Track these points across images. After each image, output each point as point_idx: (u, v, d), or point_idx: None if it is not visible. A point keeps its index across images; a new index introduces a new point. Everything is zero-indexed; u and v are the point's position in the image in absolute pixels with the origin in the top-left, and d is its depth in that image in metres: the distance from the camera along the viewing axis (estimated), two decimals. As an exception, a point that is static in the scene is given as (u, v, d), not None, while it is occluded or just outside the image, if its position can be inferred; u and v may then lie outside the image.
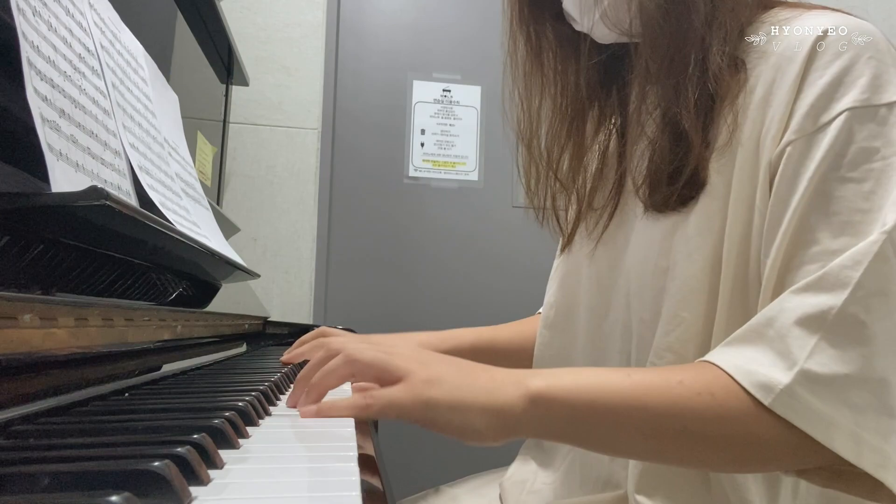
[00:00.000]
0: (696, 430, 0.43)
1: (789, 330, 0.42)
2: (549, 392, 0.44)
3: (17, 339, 0.36)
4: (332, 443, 0.41)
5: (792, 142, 0.47)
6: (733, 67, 0.52)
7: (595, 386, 0.45)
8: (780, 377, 0.41)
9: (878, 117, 0.45)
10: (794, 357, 0.41)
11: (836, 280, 0.42)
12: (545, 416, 0.44)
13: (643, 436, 0.45)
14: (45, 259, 0.49)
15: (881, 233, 0.42)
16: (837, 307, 0.41)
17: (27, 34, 0.44)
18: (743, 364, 0.43)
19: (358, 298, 1.85)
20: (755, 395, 0.42)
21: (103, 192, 0.41)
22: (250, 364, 0.85)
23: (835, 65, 0.46)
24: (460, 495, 0.79)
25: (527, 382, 0.45)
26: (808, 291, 0.43)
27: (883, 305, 0.41)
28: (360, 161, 1.90)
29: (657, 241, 0.55)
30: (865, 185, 0.44)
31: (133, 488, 0.24)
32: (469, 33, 1.97)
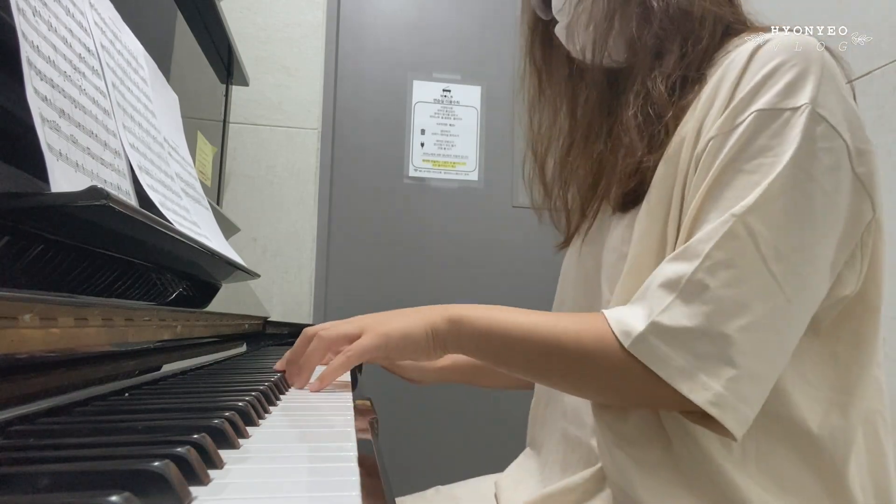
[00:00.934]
0: (569, 363, 0.54)
1: (654, 291, 0.51)
2: (462, 317, 0.59)
3: (17, 339, 0.36)
4: (332, 443, 0.41)
5: (712, 138, 0.53)
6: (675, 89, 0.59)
7: (499, 318, 0.57)
8: (637, 325, 0.50)
9: (781, 119, 0.50)
10: (651, 311, 0.50)
11: (693, 252, 0.50)
12: (459, 335, 0.59)
13: (528, 361, 0.57)
14: (45, 259, 0.49)
15: (730, 214, 0.49)
16: (688, 274, 0.49)
17: (27, 34, 0.44)
18: (618, 315, 0.53)
19: (358, 298, 1.85)
20: (619, 337, 0.51)
21: (103, 192, 0.41)
22: (250, 364, 0.85)
23: (762, 71, 0.52)
24: (459, 495, 0.79)
25: (448, 310, 0.60)
26: (674, 260, 0.51)
27: (728, 274, 0.48)
28: (360, 161, 1.90)
29: (621, 234, 0.62)
30: (753, 177, 0.50)
31: (133, 488, 0.24)
32: (469, 33, 1.97)
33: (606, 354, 0.52)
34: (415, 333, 0.60)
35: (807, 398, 0.53)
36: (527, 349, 0.56)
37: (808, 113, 0.49)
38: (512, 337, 0.56)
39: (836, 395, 0.54)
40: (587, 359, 0.53)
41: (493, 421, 1.87)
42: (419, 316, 0.61)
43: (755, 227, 0.49)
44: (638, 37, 0.61)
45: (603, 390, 0.56)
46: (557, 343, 0.54)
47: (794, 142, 0.49)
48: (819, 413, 0.54)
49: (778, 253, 0.48)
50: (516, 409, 0.62)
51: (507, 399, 1.82)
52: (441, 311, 0.60)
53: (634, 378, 0.51)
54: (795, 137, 0.49)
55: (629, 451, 0.55)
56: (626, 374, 0.51)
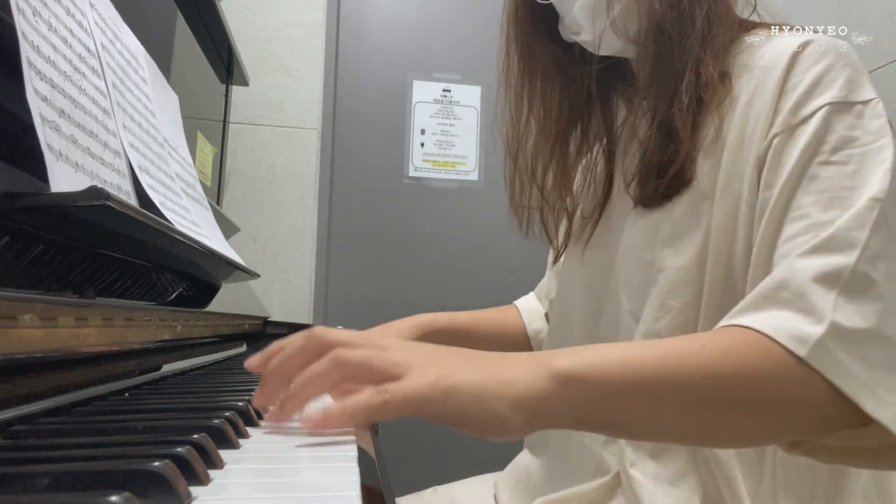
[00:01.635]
0: (726, 392, 0.41)
1: (808, 287, 0.42)
2: (575, 369, 0.40)
3: (17, 339, 0.36)
4: (332, 442, 0.41)
5: (777, 134, 0.51)
6: (722, 76, 0.56)
7: (622, 359, 0.41)
8: (812, 329, 0.40)
9: (854, 111, 0.49)
10: (822, 311, 0.41)
11: (845, 241, 0.43)
12: (574, 397, 0.40)
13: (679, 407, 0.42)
14: (45, 259, 0.49)
15: (870, 199, 0.44)
16: (851, 265, 0.42)
17: (27, 34, 0.44)
18: (768, 321, 0.42)
19: (358, 298, 1.85)
20: (790, 347, 0.40)
21: (103, 192, 0.41)
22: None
23: (813, 70, 0.51)
24: (458, 495, 0.79)
25: (549, 363, 0.40)
26: (817, 253, 0.44)
27: (886, 268, 0.43)
28: (360, 161, 1.90)
29: (643, 236, 0.59)
30: (848, 167, 0.47)
31: (133, 488, 0.24)
32: (469, 33, 1.97)
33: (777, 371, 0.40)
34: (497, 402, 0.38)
35: None
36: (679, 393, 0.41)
37: (881, 106, 0.49)
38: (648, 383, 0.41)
39: None
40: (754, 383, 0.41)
41: (492, 421, 1.87)
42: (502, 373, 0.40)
43: (890, 220, 0.45)
44: (690, 15, 0.57)
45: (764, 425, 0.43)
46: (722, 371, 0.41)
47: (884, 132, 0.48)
48: None
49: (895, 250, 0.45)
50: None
51: (506, 399, 1.81)
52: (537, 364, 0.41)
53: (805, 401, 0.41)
54: (880, 128, 0.48)
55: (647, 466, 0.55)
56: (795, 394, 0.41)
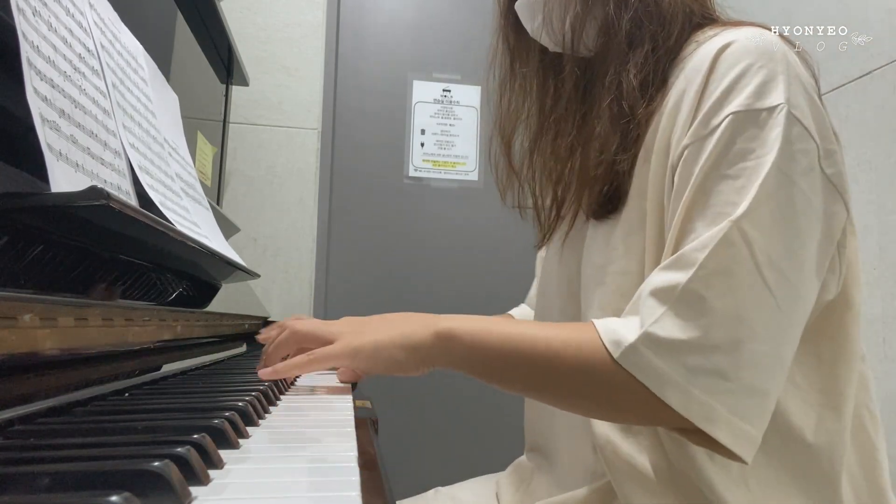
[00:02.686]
0: (563, 376, 0.51)
1: (645, 300, 0.49)
2: (450, 330, 0.55)
3: (17, 339, 0.36)
4: (332, 443, 0.41)
5: (688, 146, 0.51)
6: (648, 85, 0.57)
7: (490, 329, 0.54)
8: (628, 336, 0.48)
9: (758, 121, 0.49)
10: (643, 321, 0.48)
11: (686, 260, 0.48)
12: (447, 349, 0.55)
13: (522, 376, 0.54)
14: (45, 259, 0.49)
15: (728, 220, 0.47)
16: (682, 283, 0.47)
17: (27, 34, 0.44)
18: (610, 324, 0.50)
19: (358, 298, 1.85)
20: (609, 348, 0.48)
21: (103, 192, 0.41)
22: (250, 364, 0.85)
23: (729, 74, 0.51)
24: (458, 496, 0.79)
25: (436, 322, 0.56)
26: (666, 269, 0.49)
27: (723, 283, 0.46)
28: (360, 161, 1.90)
29: (598, 243, 0.60)
30: (738, 182, 0.48)
31: (133, 488, 0.24)
32: (469, 33, 1.97)
33: (596, 367, 0.49)
34: (391, 348, 0.56)
35: (800, 403, 0.53)
36: (520, 363, 0.53)
37: (784, 113, 0.49)
38: (504, 350, 0.53)
39: (826, 396, 0.54)
40: (578, 372, 0.50)
41: (492, 421, 1.87)
42: (399, 328, 0.57)
43: (749, 234, 0.47)
44: (615, 19, 0.58)
45: (595, 405, 0.53)
46: (550, 355, 0.51)
47: (776, 144, 0.48)
48: (813, 419, 0.53)
49: (770, 260, 0.47)
50: (516, 410, 0.62)
51: (506, 399, 1.82)
52: (426, 323, 0.56)
53: (626, 392, 0.48)
54: (776, 139, 0.48)
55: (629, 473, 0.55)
56: (617, 387, 0.48)
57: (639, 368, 0.47)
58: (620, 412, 0.52)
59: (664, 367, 0.46)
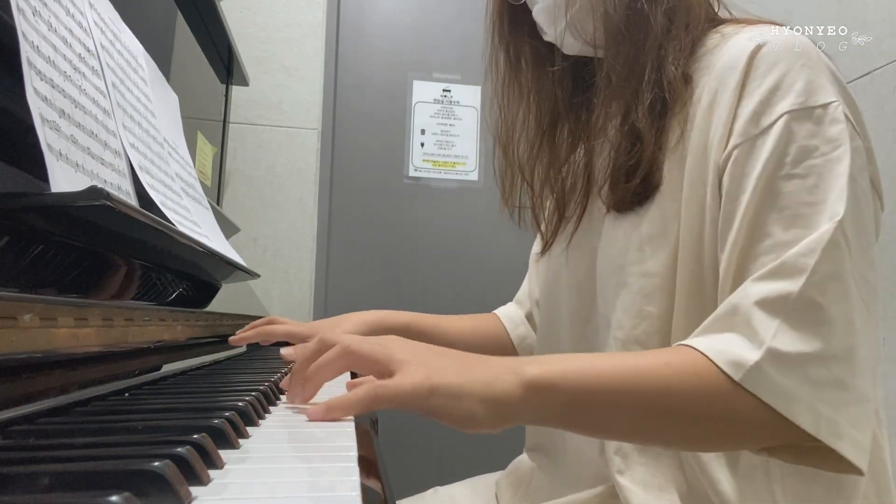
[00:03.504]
0: (682, 407, 0.46)
1: (753, 314, 0.45)
2: (544, 379, 0.45)
3: (17, 339, 0.36)
4: (332, 443, 0.41)
5: (738, 145, 0.50)
6: (684, 78, 0.56)
7: (589, 371, 0.47)
8: (749, 355, 0.44)
9: (814, 117, 0.48)
10: (761, 337, 0.45)
11: (794, 267, 0.45)
12: (542, 403, 0.46)
13: (635, 417, 0.47)
14: (45, 259, 0.49)
15: (831, 222, 0.45)
16: (796, 292, 0.45)
17: (27, 34, 0.44)
18: (715, 345, 0.46)
19: (358, 298, 1.85)
20: (728, 371, 0.45)
21: (103, 192, 0.41)
22: (250, 364, 0.85)
23: (771, 73, 0.50)
24: (458, 496, 0.79)
25: (522, 370, 0.46)
26: (768, 279, 0.46)
27: (837, 288, 0.45)
28: (360, 161, 1.90)
29: (618, 240, 0.59)
30: (809, 180, 0.47)
31: (133, 488, 0.24)
32: (469, 33, 1.97)
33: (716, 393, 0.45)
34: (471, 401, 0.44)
35: None
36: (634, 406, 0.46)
37: (840, 109, 0.48)
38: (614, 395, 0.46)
39: None
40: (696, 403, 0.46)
41: (493, 421, 1.87)
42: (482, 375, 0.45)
43: (849, 235, 0.45)
44: (649, 13, 0.57)
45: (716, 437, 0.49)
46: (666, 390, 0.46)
47: (840, 140, 0.47)
48: None
49: (857, 262, 0.46)
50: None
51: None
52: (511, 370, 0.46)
53: (749, 416, 0.45)
54: (840, 135, 0.48)
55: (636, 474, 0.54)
56: (740, 413, 0.45)
57: (765, 389, 0.44)
58: (738, 440, 0.48)
59: (789, 384, 0.44)
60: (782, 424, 0.44)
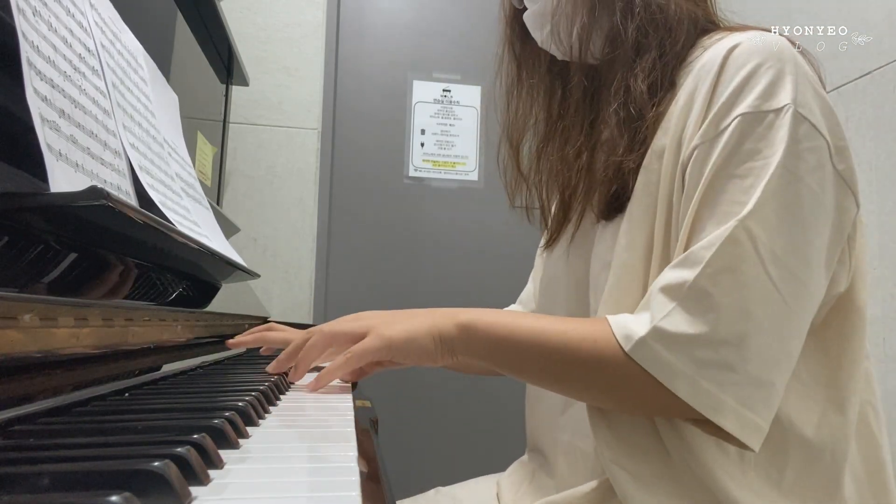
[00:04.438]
0: (576, 366, 0.54)
1: (656, 296, 0.51)
2: (471, 322, 0.58)
3: (17, 339, 0.36)
4: (332, 443, 0.41)
5: (698, 146, 0.53)
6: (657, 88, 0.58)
7: (509, 324, 0.57)
8: (639, 330, 0.50)
9: (765, 122, 0.51)
10: (653, 317, 0.50)
11: (694, 258, 0.50)
12: (470, 341, 0.58)
13: (540, 368, 0.56)
14: (45, 259, 0.49)
15: (734, 219, 0.49)
16: (690, 280, 0.49)
17: (27, 34, 0.44)
18: (622, 320, 0.52)
19: (358, 298, 1.85)
20: (620, 342, 0.51)
21: (103, 192, 0.41)
22: (250, 364, 0.85)
23: (739, 74, 0.52)
24: (459, 496, 0.79)
25: (457, 316, 0.59)
26: (675, 267, 0.51)
27: (729, 280, 0.48)
28: (360, 161, 1.90)
29: (607, 241, 0.61)
30: (746, 181, 0.50)
31: (133, 488, 0.24)
32: (469, 33, 1.97)
33: (609, 360, 0.51)
34: (421, 338, 0.58)
35: (802, 398, 0.54)
36: (538, 356, 0.55)
37: (791, 113, 0.50)
38: (523, 343, 0.56)
39: (830, 392, 0.54)
40: (592, 364, 0.52)
41: (493, 421, 1.87)
42: (426, 320, 0.59)
43: (754, 232, 0.49)
44: (622, 29, 0.60)
45: (609, 396, 0.55)
46: (566, 349, 0.54)
47: (782, 144, 0.50)
48: (816, 414, 0.54)
49: (775, 257, 0.49)
50: (517, 409, 0.62)
51: (507, 399, 1.82)
52: (450, 315, 0.59)
53: (637, 384, 0.50)
54: (782, 139, 0.50)
55: (626, 465, 0.55)
56: (629, 379, 0.51)
57: (649, 361, 0.49)
58: (632, 403, 0.54)
59: (673, 359, 0.49)
60: (669, 396, 0.49)
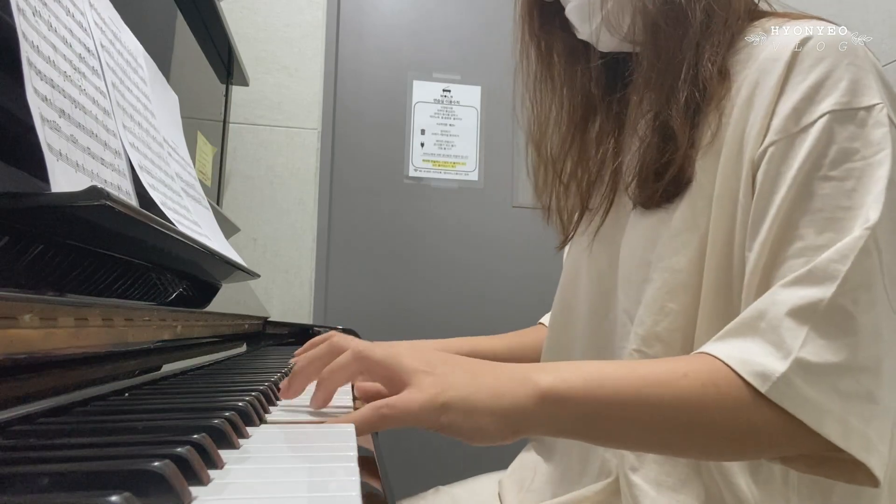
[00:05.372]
0: (701, 420, 0.45)
1: (781, 321, 0.44)
2: (557, 390, 0.44)
3: (17, 339, 0.36)
4: (332, 443, 0.41)
5: (775, 142, 0.49)
6: (721, 75, 0.54)
7: (603, 381, 0.45)
8: (776, 366, 0.43)
9: (857, 119, 0.47)
10: (788, 347, 0.43)
11: (825, 273, 0.44)
12: (554, 415, 0.44)
13: (651, 429, 0.46)
14: (45, 259, 0.49)
15: (864, 228, 0.44)
16: (827, 299, 0.43)
17: (27, 34, 0.44)
18: (739, 354, 0.45)
19: (358, 298, 1.85)
20: (753, 383, 0.43)
21: (103, 192, 0.41)
22: (250, 364, 0.85)
23: (816, 69, 0.48)
24: (460, 495, 0.79)
25: (534, 380, 0.44)
26: (797, 285, 0.45)
27: (867, 297, 0.43)
28: (360, 161, 1.90)
29: (643, 235, 0.58)
30: (847, 184, 0.46)
31: (133, 488, 0.24)
32: (469, 33, 1.97)
33: (738, 405, 0.43)
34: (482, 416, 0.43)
35: None
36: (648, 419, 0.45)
37: (886, 112, 0.47)
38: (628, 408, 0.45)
39: None
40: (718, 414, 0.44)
41: (493, 421, 1.87)
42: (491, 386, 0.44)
43: (880, 242, 0.44)
44: (687, 8, 0.55)
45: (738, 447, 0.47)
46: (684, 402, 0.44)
47: (884, 144, 0.46)
48: None
49: (889, 270, 0.44)
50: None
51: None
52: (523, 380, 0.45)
53: (775, 428, 0.43)
54: (883, 138, 0.46)
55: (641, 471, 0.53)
56: (766, 424, 0.43)
57: (792, 401, 0.42)
58: (758, 450, 0.47)
59: (818, 396, 0.42)
60: (807, 436, 0.43)
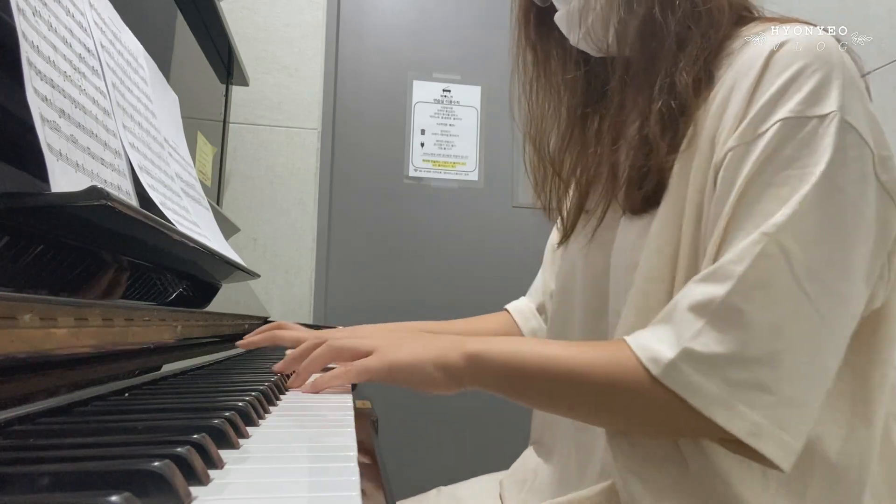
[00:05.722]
0: (606, 397, 0.51)
1: (683, 314, 0.48)
2: (480, 353, 0.56)
3: (17, 339, 0.36)
4: (332, 443, 0.41)
5: (733, 148, 0.50)
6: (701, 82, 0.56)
7: (518, 352, 0.55)
8: (666, 352, 0.47)
9: (808, 128, 0.48)
10: (682, 337, 0.47)
11: (724, 273, 0.47)
12: (479, 373, 0.56)
13: (552, 395, 0.55)
14: (45, 259, 0.49)
15: (762, 233, 0.46)
16: (721, 297, 0.46)
17: (27, 34, 0.44)
18: (644, 341, 0.50)
19: (358, 298, 1.85)
20: (647, 366, 0.48)
21: (103, 192, 0.41)
22: (250, 364, 0.85)
23: (782, 76, 0.49)
24: (460, 496, 0.79)
25: (465, 345, 0.57)
26: (704, 281, 0.48)
27: (763, 297, 0.46)
28: (360, 161, 1.90)
29: (631, 241, 0.59)
30: (782, 190, 0.47)
31: (133, 488, 0.24)
32: (469, 33, 1.97)
33: (633, 385, 0.49)
34: (425, 367, 0.57)
35: (830, 413, 0.52)
36: (550, 383, 0.53)
37: (837, 121, 0.47)
38: (533, 371, 0.54)
39: (858, 406, 0.52)
40: (613, 390, 0.50)
41: (494, 419, 1.87)
42: (433, 348, 0.58)
43: (788, 246, 0.46)
44: (664, 22, 0.57)
45: (631, 422, 0.53)
46: (581, 375, 0.51)
47: (826, 153, 0.47)
48: (844, 428, 0.52)
49: (810, 272, 0.46)
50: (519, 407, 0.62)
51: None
52: (457, 345, 0.57)
53: (666, 408, 0.48)
54: (827, 148, 0.47)
55: (641, 475, 0.53)
56: (657, 404, 0.48)
57: (681, 385, 0.47)
58: (657, 427, 0.52)
59: (706, 382, 0.46)
60: (700, 419, 0.46)
